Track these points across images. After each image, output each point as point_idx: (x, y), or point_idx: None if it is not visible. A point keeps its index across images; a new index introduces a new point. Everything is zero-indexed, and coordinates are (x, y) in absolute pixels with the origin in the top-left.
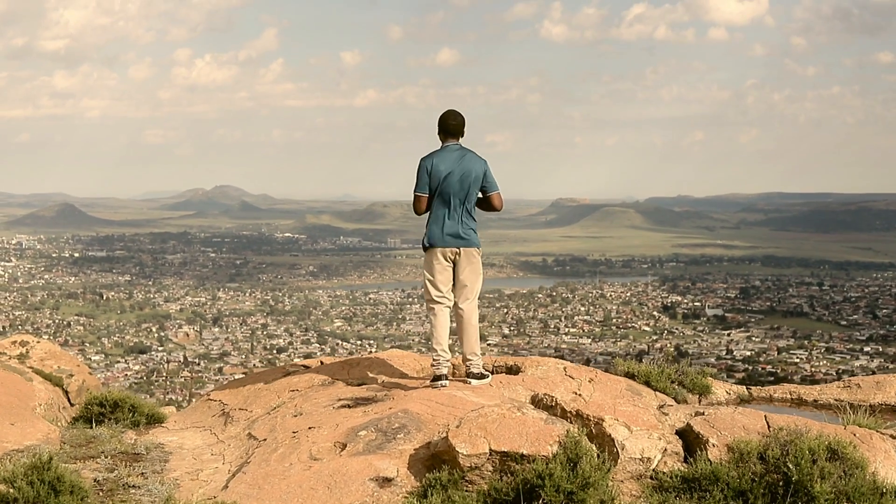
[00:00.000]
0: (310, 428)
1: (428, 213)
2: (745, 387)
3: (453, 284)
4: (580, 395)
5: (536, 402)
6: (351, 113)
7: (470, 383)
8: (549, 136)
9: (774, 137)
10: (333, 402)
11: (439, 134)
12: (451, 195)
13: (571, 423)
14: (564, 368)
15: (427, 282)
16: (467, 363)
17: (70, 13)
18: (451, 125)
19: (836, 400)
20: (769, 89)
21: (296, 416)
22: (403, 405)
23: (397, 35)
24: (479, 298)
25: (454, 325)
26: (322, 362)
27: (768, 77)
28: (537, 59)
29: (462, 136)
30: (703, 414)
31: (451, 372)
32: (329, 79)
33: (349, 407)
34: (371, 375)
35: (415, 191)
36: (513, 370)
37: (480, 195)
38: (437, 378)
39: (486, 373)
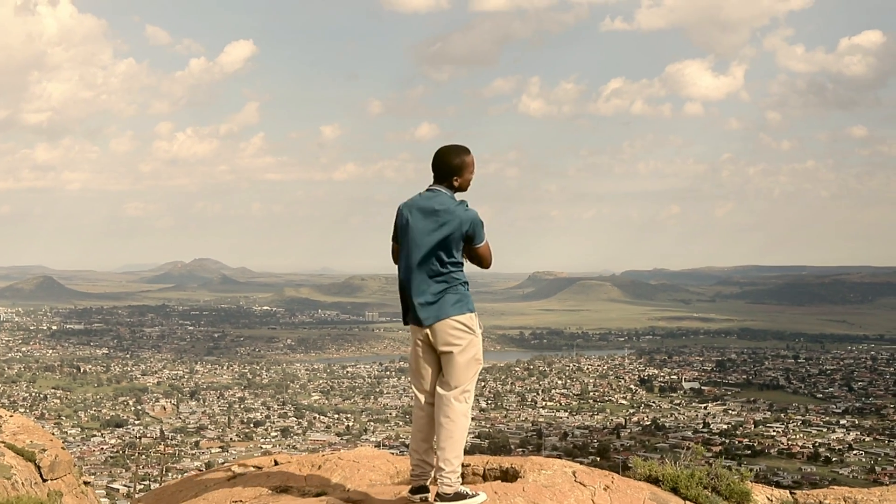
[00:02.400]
0: None
1: None
2: (788, 491)
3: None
4: None
5: None
6: (330, 187)
7: None
8: (527, 209)
9: (749, 211)
10: None
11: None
12: (415, 250)
13: None
14: (574, 473)
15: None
16: (436, 474)
17: (53, 87)
18: (434, 164)
19: None
20: (744, 163)
21: None
22: None
23: (377, 110)
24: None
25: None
26: (276, 461)
27: (743, 151)
28: (515, 133)
29: (452, 182)
30: None
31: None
32: (309, 153)
33: None
34: (334, 482)
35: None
36: (509, 475)
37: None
38: (416, 490)
39: (464, 492)
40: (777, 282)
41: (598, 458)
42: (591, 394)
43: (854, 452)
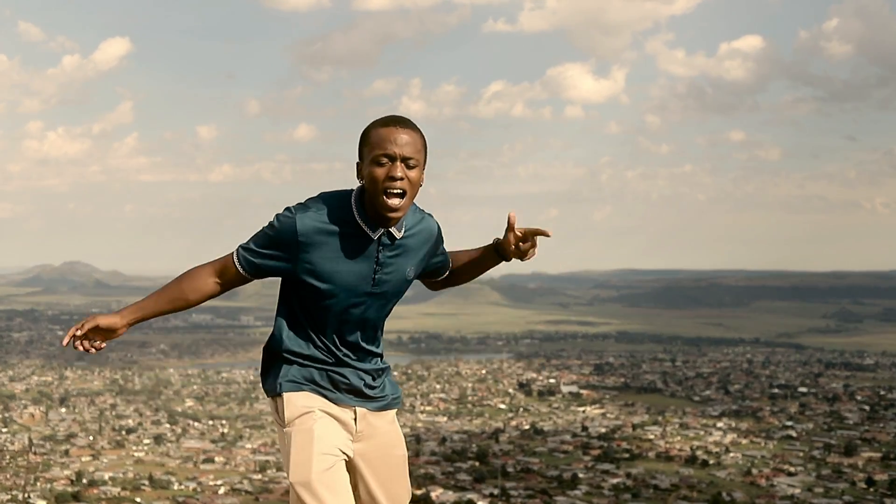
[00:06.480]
0: None
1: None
2: None
3: None
4: None
5: None
6: (206, 188)
7: None
8: None
9: (627, 214)
10: None
11: None
12: None
13: None
14: None
15: None
16: None
17: None
18: None
19: None
20: (623, 167)
21: None
22: None
23: (255, 110)
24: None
25: None
26: None
27: (622, 154)
28: None
29: (358, 172)
30: None
31: None
32: (184, 153)
33: None
34: None
35: None
36: None
37: None
38: None
39: None
40: (654, 285)
41: (478, 463)
42: (470, 398)
43: (731, 455)
